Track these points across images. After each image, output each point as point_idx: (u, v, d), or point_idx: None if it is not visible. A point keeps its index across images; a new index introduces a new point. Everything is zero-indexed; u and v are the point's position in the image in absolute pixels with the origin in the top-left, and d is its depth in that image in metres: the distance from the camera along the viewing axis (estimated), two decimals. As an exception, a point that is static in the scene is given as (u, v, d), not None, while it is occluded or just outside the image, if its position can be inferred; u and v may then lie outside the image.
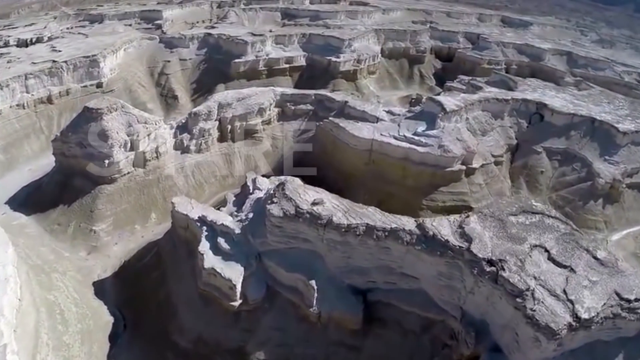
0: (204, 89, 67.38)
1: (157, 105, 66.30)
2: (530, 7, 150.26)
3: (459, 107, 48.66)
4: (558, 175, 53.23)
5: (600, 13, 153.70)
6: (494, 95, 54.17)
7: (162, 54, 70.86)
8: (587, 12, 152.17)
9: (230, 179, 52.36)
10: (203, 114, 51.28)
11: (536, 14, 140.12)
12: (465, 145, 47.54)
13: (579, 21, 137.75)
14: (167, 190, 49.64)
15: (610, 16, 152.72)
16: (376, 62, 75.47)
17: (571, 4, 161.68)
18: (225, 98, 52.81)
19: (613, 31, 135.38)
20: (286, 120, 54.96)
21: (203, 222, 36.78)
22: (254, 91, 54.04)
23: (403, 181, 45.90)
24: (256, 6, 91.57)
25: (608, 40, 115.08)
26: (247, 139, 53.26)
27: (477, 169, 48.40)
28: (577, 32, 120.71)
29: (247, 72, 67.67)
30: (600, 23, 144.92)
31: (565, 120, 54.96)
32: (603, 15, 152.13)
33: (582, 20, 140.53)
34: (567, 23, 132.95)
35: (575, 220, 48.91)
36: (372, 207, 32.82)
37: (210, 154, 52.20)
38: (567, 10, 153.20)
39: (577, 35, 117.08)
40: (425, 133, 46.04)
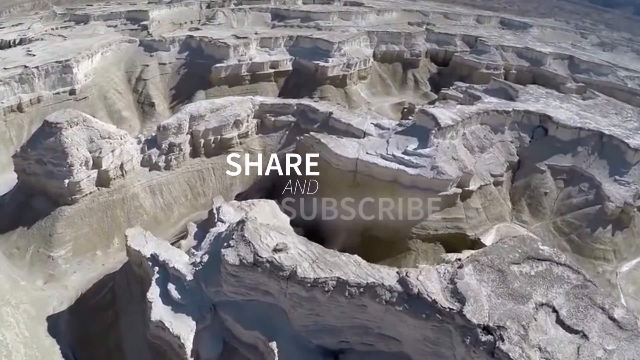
0: (183, 95, 59.93)
1: (133, 113, 59.04)
2: (529, 9, 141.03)
3: (455, 122, 41.08)
4: (563, 196, 45.76)
5: (599, 15, 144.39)
6: (494, 107, 46.46)
7: (141, 58, 63.18)
8: (586, 14, 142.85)
9: (203, 199, 45.20)
10: (173, 128, 43.87)
11: (535, 16, 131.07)
12: (462, 166, 40.40)
13: (578, 23, 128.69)
14: (132, 212, 42.76)
15: (609, 18, 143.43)
16: (367, 66, 67.58)
17: (570, 5, 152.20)
18: (197, 109, 45.30)
19: (613, 34, 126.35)
20: (265, 132, 47.45)
21: (155, 261, 29.91)
22: (229, 101, 46.67)
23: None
24: (245, 6, 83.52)
25: (608, 43, 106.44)
26: (221, 154, 45.98)
27: (475, 191, 41.54)
28: (577, 34, 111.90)
29: (228, 78, 60.13)
30: (600, 25, 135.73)
31: (571, 135, 47.00)
32: (602, 18, 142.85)
33: (582, 23, 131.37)
34: (567, 25, 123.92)
35: (582, 249, 41.80)
36: (347, 254, 25.82)
37: (181, 171, 44.85)
38: (566, 12, 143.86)
39: (577, 37, 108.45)
40: (416, 152, 38.60)
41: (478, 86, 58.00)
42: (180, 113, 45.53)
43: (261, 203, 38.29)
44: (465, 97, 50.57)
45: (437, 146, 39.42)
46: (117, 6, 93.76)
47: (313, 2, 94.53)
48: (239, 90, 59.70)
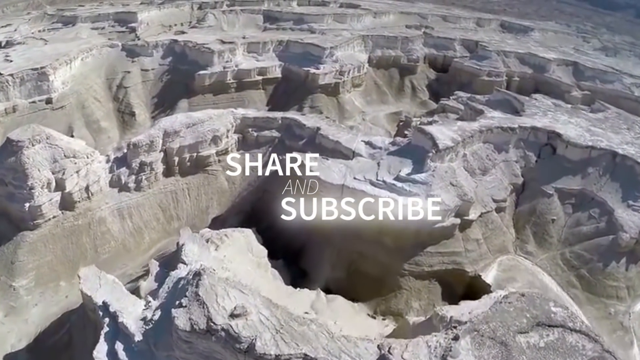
0: (165, 104, 53.78)
1: (113, 123, 52.86)
2: (529, 11, 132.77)
3: (454, 142, 34.72)
4: (572, 224, 39.35)
5: (600, 18, 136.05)
6: (498, 123, 39.87)
7: (122, 64, 56.65)
8: (587, 17, 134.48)
9: (176, 223, 39.21)
10: (144, 145, 37.70)
11: (536, 19, 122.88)
12: (461, 193, 34.30)
13: (579, 26, 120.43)
14: (98, 238, 36.97)
15: (610, 21, 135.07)
16: (362, 73, 60.73)
17: (571, 8, 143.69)
18: (172, 124, 39.03)
19: (615, 37, 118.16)
20: (247, 149, 41.16)
21: (106, 311, 24.57)
22: (208, 115, 40.34)
23: (380, 239, 32.42)
24: (237, 8, 76.78)
25: (611, 48, 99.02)
26: (198, 173, 39.99)
27: (475, 220, 35.87)
28: (578, 38, 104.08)
29: (213, 86, 53.75)
30: (601, 29, 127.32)
31: (581, 154, 40.25)
32: (603, 21, 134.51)
33: (583, 26, 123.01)
34: (568, 28, 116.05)
35: (593, 287, 35.14)
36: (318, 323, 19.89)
37: (152, 192, 38.88)
38: (566, 15, 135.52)
39: (579, 41, 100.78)
40: (410, 178, 32.37)
41: (480, 97, 51.47)
42: (152, 129, 39.46)
43: (235, 234, 32.62)
44: (467, 110, 44.27)
45: (434, 171, 33.22)
46: (107, 7, 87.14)
47: (308, 4, 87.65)
48: (224, 98, 53.63)
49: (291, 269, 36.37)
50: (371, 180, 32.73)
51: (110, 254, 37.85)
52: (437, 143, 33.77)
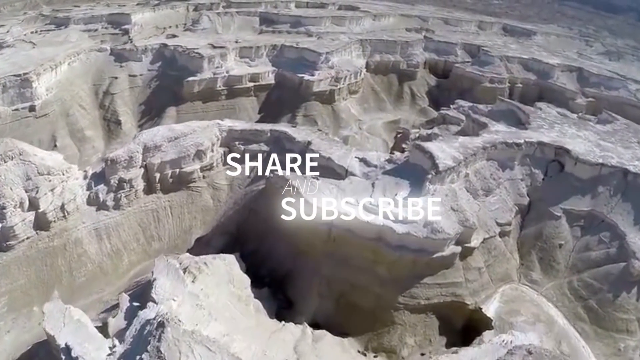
0: (153, 112, 49.70)
1: (98, 132, 48.71)
2: (530, 14, 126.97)
3: (456, 162, 30.58)
4: (580, 248, 34.97)
5: (602, 21, 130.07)
6: (503, 138, 35.62)
7: (110, 69, 52.37)
8: (589, 20, 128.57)
9: (157, 243, 35.30)
10: (123, 161, 33.72)
11: (537, 21, 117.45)
12: (463, 218, 30.34)
13: (582, 30, 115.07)
14: (74, 260, 33.15)
15: (612, 24, 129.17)
16: (359, 79, 56.18)
17: (572, 11, 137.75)
18: (152, 138, 35.04)
19: (617, 41, 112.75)
20: (234, 164, 38.91)
21: (69, 355, 21.45)
22: (191, 128, 36.35)
23: (373, 269, 28.53)
24: (233, 10, 72.28)
25: (614, 52, 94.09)
26: (181, 190, 35.90)
27: (477, 247, 32.28)
28: (581, 42, 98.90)
29: (202, 93, 49.46)
30: (604, 32, 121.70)
31: (591, 172, 35.88)
32: (605, 24, 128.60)
33: (585, 29, 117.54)
34: (570, 32, 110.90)
35: (602, 320, 30.85)
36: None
37: (132, 211, 34.92)
38: (568, 18, 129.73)
39: (582, 45, 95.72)
40: (407, 202, 29.43)
41: (482, 106, 47.21)
42: (132, 143, 35.45)
43: (215, 263, 28.93)
44: (469, 122, 40.07)
45: (433, 194, 29.85)
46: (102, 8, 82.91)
47: (306, 6, 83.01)
48: (214, 106, 49.44)
49: (277, 298, 32.98)
50: (364, 204, 28.81)
51: (87, 277, 34.28)
52: (436, 163, 29.75)
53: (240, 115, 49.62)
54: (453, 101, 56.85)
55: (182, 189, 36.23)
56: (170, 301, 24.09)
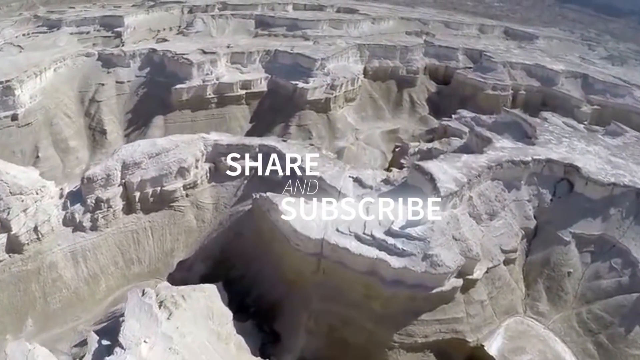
0: (140, 121, 45.85)
1: (83, 142, 45.00)
2: (531, 17, 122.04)
3: (459, 185, 26.96)
4: (590, 276, 31.16)
5: (604, 24, 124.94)
6: (509, 156, 31.76)
7: (97, 75, 48.44)
8: (590, 24, 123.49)
9: (137, 267, 31.83)
10: (100, 179, 30.19)
11: (539, 25, 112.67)
12: (466, 248, 26.77)
13: (583, 33, 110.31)
14: (49, 285, 29.74)
15: (614, 28, 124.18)
16: (356, 86, 52.14)
17: (573, 14, 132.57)
18: (132, 155, 31.31)
19: (619, 45, 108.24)
20: (220, 180, 33.34)
21: None
22: (174, 143, 32.47)
23: (367, 304, 25.16)
24: (228, 13, 68.02)
25: (617, 57, 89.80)
26: (162, 210, 32.22)
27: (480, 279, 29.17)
28: (584, 46, 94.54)
29: (191, 101, 45.57)
30: (605, 35, 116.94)
31: (602, 192, 32.15)
32: (607, 27, 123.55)
33: (587, 33, 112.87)
34: (572, 35, 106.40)
35: (613, 356, 27.32)
36: None
37: (111, 232, 31.37)
38: (569, 21, 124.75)
39: (584, 49, 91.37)
40: (405, 232, 24.81)
41: (485, 117, 43.56)
42: (110, 160, 31.71)
43: (194, 295, 25.49)
44: (472, 137, 36.21)
45: (434, 223, 26.50)
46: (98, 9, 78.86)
47: (304, 8, 78.84)
48: (203, 115, 45.69)
49: (262, 330, 29.81)
50: (357, 233, 25.33)
51: (62, 303, 30.94)
52: (438, 187, 26.11)
53: (230, 125, 46.15)
54: (454, 109, 53.15)
55: (164, 208, 32.71)
56: (140, 346, 21.04)
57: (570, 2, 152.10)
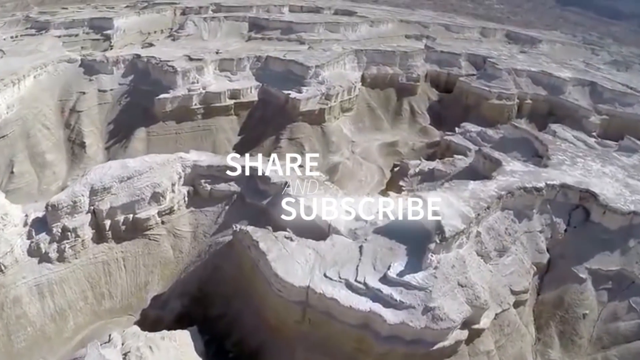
0: (122, 133, 41.20)
1: (61, 156, 40.38)
2: (532, 19, 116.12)
3: (467, 222, 22.41)
4: (607, 317, 26.76)
5: (605, 28, 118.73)
6: (521, 182, 27.15)
7: (78, 83, 43.57)
8: (591, 27, 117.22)
9: (108, 302, 27.49)
10: (65, 207, 25.93)
11: (540, 28, 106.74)
12: (472, 296, 22.16)
13: (585, 37, 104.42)
14: (12, 323, 25.45)
15: (615, 31, 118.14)
16: (353, 95, 47.09)
17: (575, 16, 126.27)
18: (100, 179, 26.90)
19: (622, 49, 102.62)
20: (199, 206, 28.85)
21: None
22: (148, 165, 27.89)
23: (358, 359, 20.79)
24: (221, 15, 62.93)
25: (622, 62, 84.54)
26: (136, 239, 27.85)
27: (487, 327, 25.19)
28: (587, 50, 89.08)
29: (176, 112, 40.81)
30: (608, 39, 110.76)
31: (621, 222, 27.69)
32: (608, 30, 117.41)
33: (589, 36, 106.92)
34: (574, 38, 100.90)
35: None
36: None
37: (79, 263, 27.08)
38: (570, 24, 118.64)
39: (587, 54, 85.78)
40: (403, 281, 20.38)
41: (492, 132, 38.86)
42: (76, 185, 27.30)
43: (164, 345, 20.85)
44: (479, 158, 31.20)
45: (436, 268, 21.37)
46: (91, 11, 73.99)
47: (300, 10, 73.74)
48: (188, 127, 41.03)
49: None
50: (348, 280, 21.09)
51: (27, 342, 26.73)
52: (442, 226, 21.69)
53: (218, 137, 41.63)
54: (457, 119, 48.51)
55: (138, 237, 28.37)
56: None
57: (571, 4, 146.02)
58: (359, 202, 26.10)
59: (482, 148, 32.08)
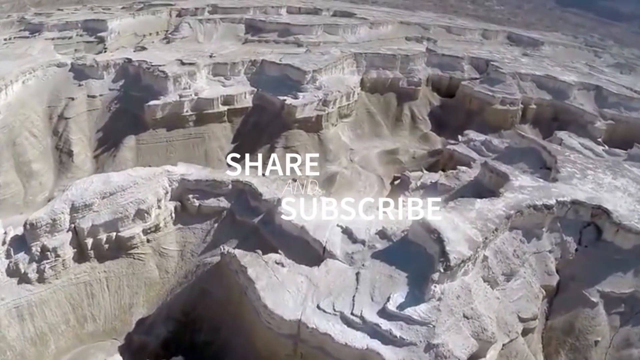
0: (110, 141, 38.80)
1: (48, 165, 37.96)
2: (533, 21, 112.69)
3: (474, 248, 19.98)
4: (619, 343, 24.36)
5: (606, 29, 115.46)
6: (530, 200, 24.63)
7: (68, 88, 41.19)
8: (592, 28, 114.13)
9: (91, 325, 25.21)
10: (44, 225, 23.67)
11: (541, 29, 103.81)
12: (479, 328, 19.61)
13: (587, 38, 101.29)
14: None
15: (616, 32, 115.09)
16: (351, 101, 44.58)
17: (575, 18, 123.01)
18: (81, 195, 24.67)
19: (623, 50, 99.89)
20: (187, 222, 26.53)
21: None
22: (132, 179, 25.54)
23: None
24: (217, 17, 60.13)
25: (624, 64, 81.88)
26: (120, 258, 25.55)
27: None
28: (589, 52, 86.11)
29: (166, 119, 38.38)
30: (609, 40, 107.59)
31: (635, 241, 25.11)
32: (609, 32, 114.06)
33: (590, 37, 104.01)
34: (575, 40, 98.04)
35: None
36: None
37: (61, 284, 24.79)
38: (571, 25, 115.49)
39: (590, 56, 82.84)
40: (404, 314, 18.08)
41: (497, 141, 36.39)
42: (56, 202, 25.01)
43: None
44: (485, 172, 28.49)
45: (440, 300, 18.98)
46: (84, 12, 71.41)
47: (298, 12, 71.04)
48: (179, 134, 38.55)
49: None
50: (343, 313, 18.64)
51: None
52: (447, 253, 19.19)
53: (210, 146, 39.21)
54: (459, 125, 46.28)
55: (122, 256, 26.09)
56: None
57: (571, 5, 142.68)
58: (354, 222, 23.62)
59: (488, 160, 29.64)
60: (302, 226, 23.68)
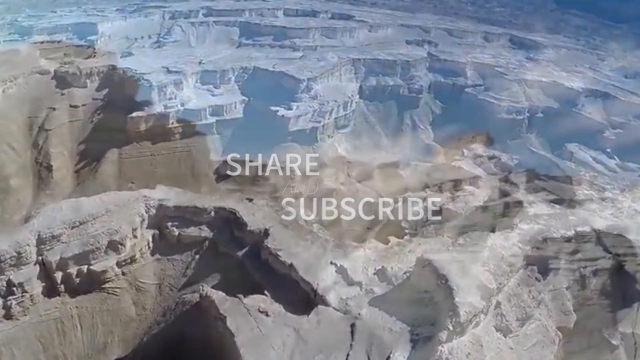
0: (92, 154, 35.02)
1: (27, 181, 34.20)
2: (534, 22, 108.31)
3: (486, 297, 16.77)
4: None
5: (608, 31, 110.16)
6: (547, 230, 21.52)
7: (50, 98, 37.33)
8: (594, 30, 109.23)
9: None
10: (9, 258, 20.45)
11: (543, 32, 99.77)
12: (493, 392, 18.36)
13: (589, 40, 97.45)
14: None
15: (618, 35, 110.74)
16: (349, 111, 41.06)
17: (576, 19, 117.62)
18: (49, 225, 21.45)
19: (626, 53, 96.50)
20: (165, 253, 23.29)
21: None
22: (104, 206, 22.29)
23: None
24: (210, 20, 56.29)
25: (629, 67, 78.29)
26: (93, 292, 22.43)
27: None
28: (592, 55, 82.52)
29: (151, 132, 34.74)
30: (611, 43, 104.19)
31: None
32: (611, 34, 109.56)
33: (592, 40, 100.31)
34: (577, 43, 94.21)
35: None
36: None
37: (30, 321, 21.75)
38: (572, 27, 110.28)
39: (593, 60, 78.81)
40: None
41: (506, 156, 33.73)
42: (21, 232, 21.64)
43: None
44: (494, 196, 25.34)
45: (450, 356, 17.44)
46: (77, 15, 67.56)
47: (295, 14, 67.34)
48: (165, 148, 34.83)
49: None
50: (336, 379, 16.65)
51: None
52: (456, 309, 15.84)
53: (197, 159, 35.40)
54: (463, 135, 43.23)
55: (95, 290, 22.90)
56: None
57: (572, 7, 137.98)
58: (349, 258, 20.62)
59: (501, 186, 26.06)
60: (291, 264, 20.44)
